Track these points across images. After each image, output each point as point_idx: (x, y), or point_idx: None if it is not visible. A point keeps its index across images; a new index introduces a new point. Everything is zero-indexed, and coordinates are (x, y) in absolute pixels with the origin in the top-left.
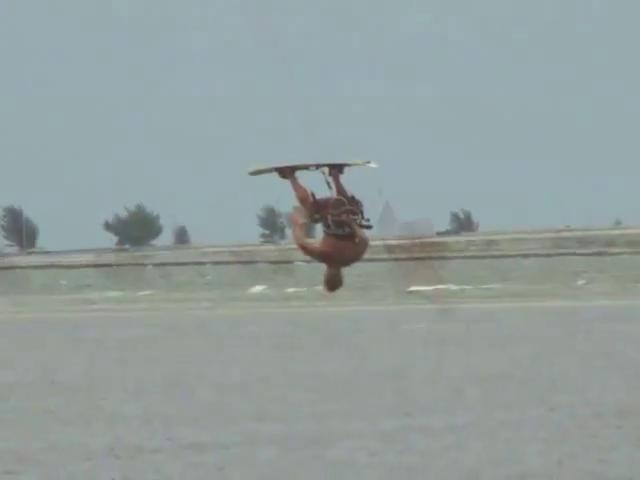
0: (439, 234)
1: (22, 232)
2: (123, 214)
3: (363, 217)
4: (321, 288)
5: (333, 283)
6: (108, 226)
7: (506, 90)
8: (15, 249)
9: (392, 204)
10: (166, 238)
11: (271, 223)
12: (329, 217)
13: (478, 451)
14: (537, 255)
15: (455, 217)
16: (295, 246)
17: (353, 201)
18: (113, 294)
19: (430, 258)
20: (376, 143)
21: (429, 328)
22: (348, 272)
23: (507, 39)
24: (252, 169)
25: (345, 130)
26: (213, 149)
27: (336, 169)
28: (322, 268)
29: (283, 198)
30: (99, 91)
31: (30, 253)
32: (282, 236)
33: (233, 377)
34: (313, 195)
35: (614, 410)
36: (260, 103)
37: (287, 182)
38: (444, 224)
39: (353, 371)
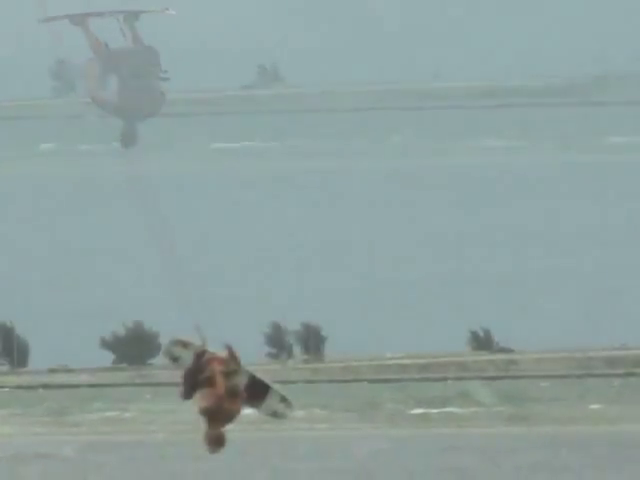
0: (244, 87)
1: None
2: None
3: (161, 69)
4: (117, 145)
5: (129, 140)
6: None
7: None
8: None
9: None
10: None
11: (63, 75)
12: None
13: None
14: (348, 110)
15: (261, 69)
16: (89, 100)
17: (150, 52)
18: None
19: (236, 112)
20: None
21: (238, 191)
22: (145, 127)
23: None
24: (44, 17)
25: None
26: None
27: (131, 17)
28: (118, 123)
29: (76, 48)
30: None
31: None
32: (74, 89)
33: (27, 244)
34: (107, 45)
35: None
36: None
37: (80, 31)
38: (251, 78)
39: (161, 242)
